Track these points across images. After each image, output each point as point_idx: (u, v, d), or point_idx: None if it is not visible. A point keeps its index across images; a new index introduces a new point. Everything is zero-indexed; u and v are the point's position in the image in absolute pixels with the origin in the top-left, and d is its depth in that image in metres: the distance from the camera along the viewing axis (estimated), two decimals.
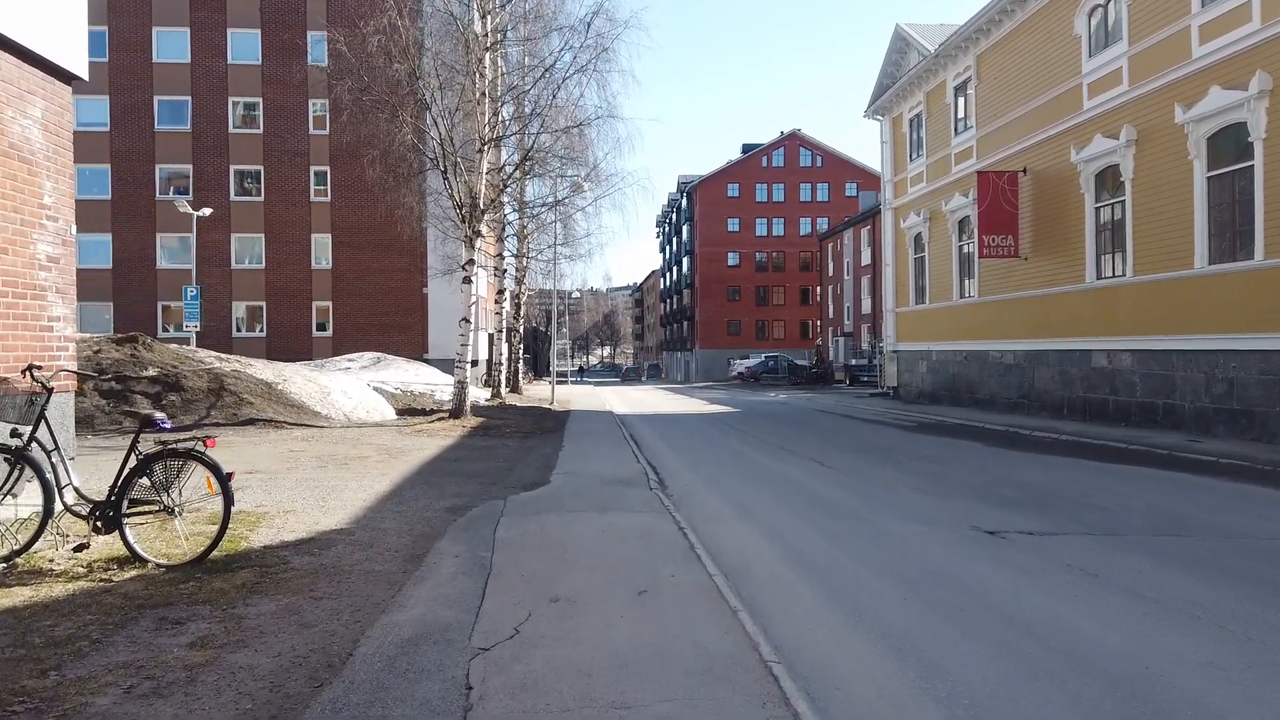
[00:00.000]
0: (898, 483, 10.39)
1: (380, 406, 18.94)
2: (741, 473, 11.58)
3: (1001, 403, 22.11)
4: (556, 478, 10.45)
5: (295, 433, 14.85)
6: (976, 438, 16.52)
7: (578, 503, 8.59)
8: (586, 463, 12.01)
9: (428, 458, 12.16)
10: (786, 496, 9.49)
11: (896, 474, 11.18)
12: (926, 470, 11.58)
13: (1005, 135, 21.87)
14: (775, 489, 10.06)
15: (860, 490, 9.88)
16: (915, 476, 10.93)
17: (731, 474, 11.45)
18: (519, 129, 17.99)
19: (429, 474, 10.62)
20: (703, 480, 10.86)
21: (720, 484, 10.51)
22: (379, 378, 24.14)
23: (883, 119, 30.03)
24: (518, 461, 11.99)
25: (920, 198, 27.20)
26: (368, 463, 11.55)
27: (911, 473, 11.30)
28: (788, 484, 10.45)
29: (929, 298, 26.87)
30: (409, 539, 6.84)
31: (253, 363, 18.26)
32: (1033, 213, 20.74)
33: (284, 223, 39.83)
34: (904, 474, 11.19)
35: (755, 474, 11.45)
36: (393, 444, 13.73)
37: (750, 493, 9.80)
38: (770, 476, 11.18)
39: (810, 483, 10.51)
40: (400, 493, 9.20)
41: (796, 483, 10.54)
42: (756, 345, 76.64)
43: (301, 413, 16.74)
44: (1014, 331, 21.53)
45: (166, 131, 39.50)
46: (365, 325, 39.89)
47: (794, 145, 79.74)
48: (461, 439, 14.69)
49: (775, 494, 9.68)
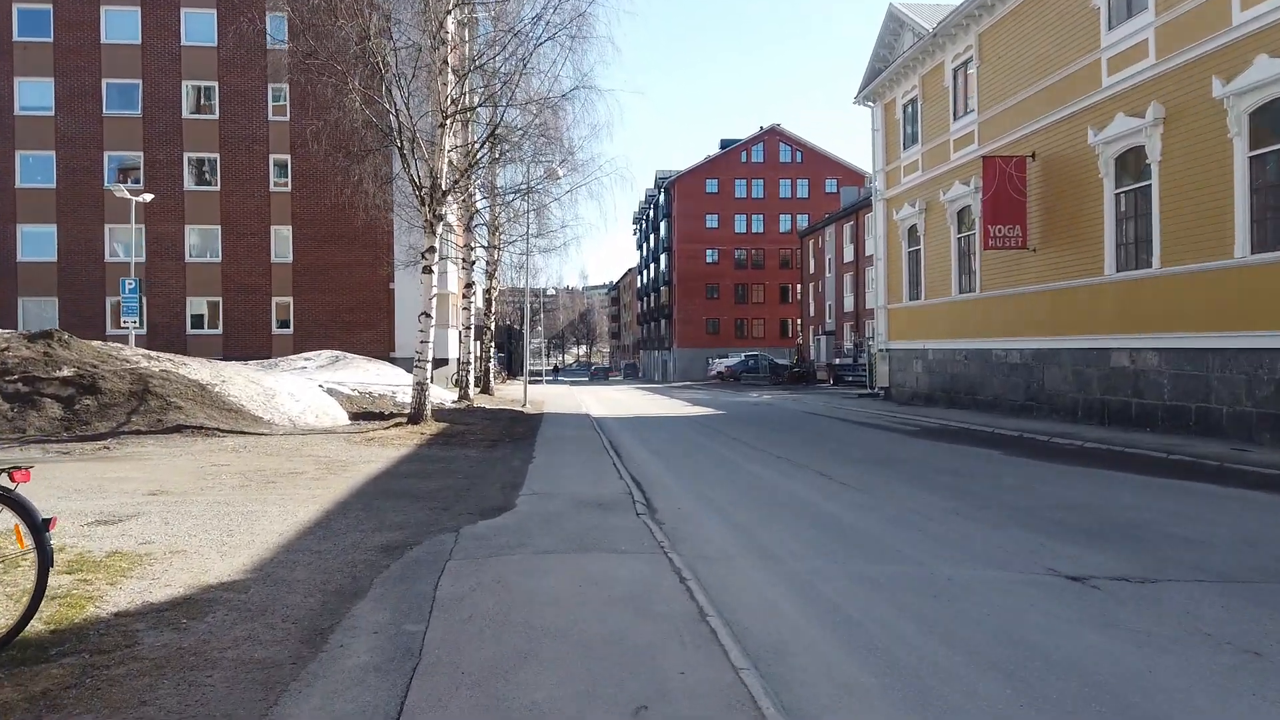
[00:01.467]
0: (928, 505, 8.75)
1: (332, 410, 17.10)
2: (739, 489, 9.91)
3: (1007, 405, 20.63)
4: (524, 500, 8.72)
5: (227, 441, 13.00)
6: (990, 444, 14.98)
7: (548, 537, 6.87)
8: (560, 478, 10.29)
9: (373, 473, 10.37)
10: (802, 524, 7.82)
11: (921, 492, 9.56)
12: (953, 486, 9.97)
13: (1011, 118, 20.38)
14: (784, 513, 8.40)
15: (887, 515, 8.23)
16: (944, 495, 9.31)
17: (728, 491, 9.78)
18: (485, 99, 16.18)
19: (370, 495, 8.85)
20: (696, 500, 9.17)
21: (718, 505, 8.83)
22: (336, 378, 22.26)
23: (874, 105, 28.51)
24: (479, 477, 10.24)
25: (915, 187, 25.70)
26: (300, 480, 9.76)
27: (938, 490, 9.68)
28: (797, 505, 8.79)
29: (924, 293, 25.38)
30: (319, 599, 5.10)
31: (187, 362, 16.36)
32: (1042, 201, 19.26)
33: (242, 214, 37.70)
34: (929, 491, 9.57)
35: (756, 491, 9.78)
36: (336, 455, 11.92)
37: (756, 518, 8.13)
38: (774, 495, 9.52)
39: (823, 503, 8.86)
40: (329, 522, 7.43)
41: (807, 504, 8.87)
42: (736, 344, 75.16)
43: (239, 418, 14.87)
44: (1021, 329, 20.05)
45: (115, 116, 37.19)
46: (328, 322, 37.88)
47: (774, 140, 78.33)
48: (418, 448, 12.90)
49: (787, 521, 8.01)
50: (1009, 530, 7.49)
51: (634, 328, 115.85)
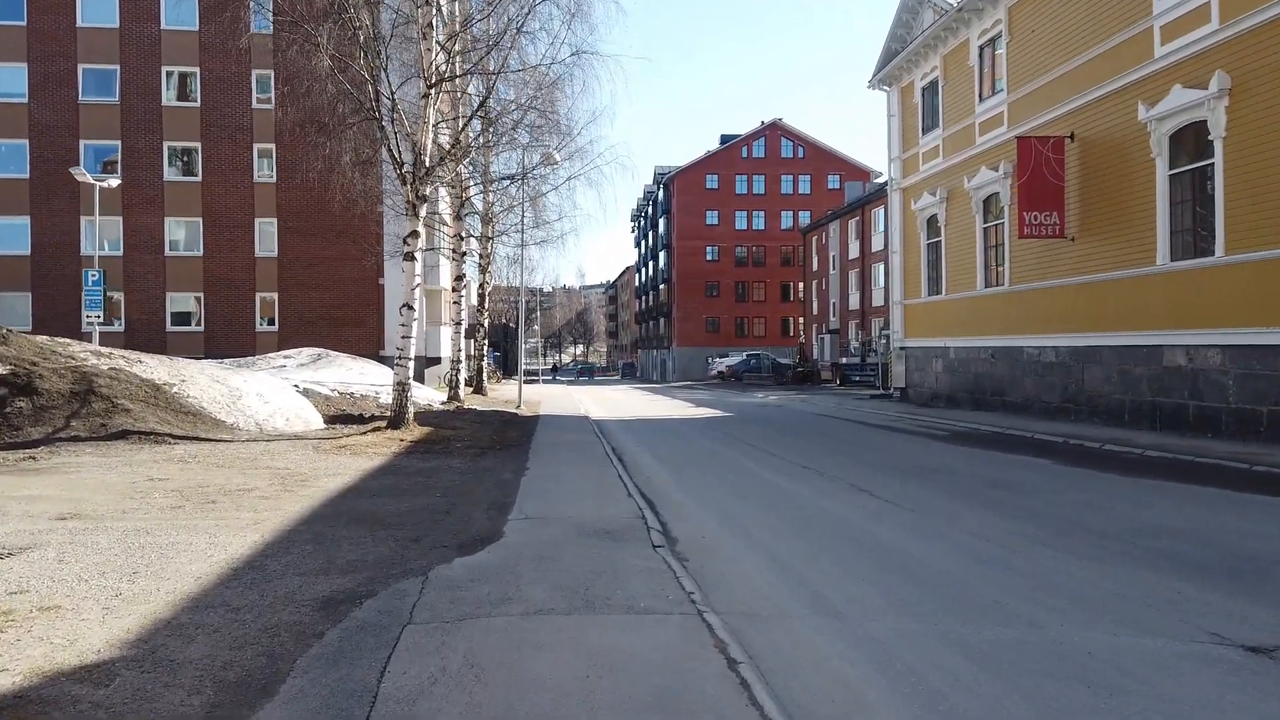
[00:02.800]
0: (998, 530, 7.18)
1: (305, 413, 15.51)
2: (769, 509, 8.33)
3: (1040, 407, 19.07)
4: (514, 526, 7.13)
5: (177, 450, 11.40)
6: (1035, 451, 13.42)
7: (542, 585, 5.29)
8: (558, 495, 8.70)
9: (337, 489, 8.78)
10: (858, 559, 6.26)
11: (981, 512, 7.98)
12: (1016, 505, 8.40)
13: (1046, 96, 18.82)
14: (831, 541, 6.82)
15: (956, 544, 6.66)
16: (1010, 516, 7.74)
17: (756, 511, 8.20)
18: (476, 64, 14.53)
19: (327, 520, 7.26)
20: (721, 524, 7.60)
21: (749, 532, 7.25)
22: (316, 377, 20.66)
23: (889, 89, 26.95)
24: (462, 495, 8.65)
25: (935, 175, 24.14)
26: (247, 499, 8.17)
27: (999, 509, 8.11)
28: (843, 531, 7.21)
29: (945, 288, 23.82)
30: (205, 698, 3.52)
31: (144, 359, 14.75)
32: (1082, 185, 17.71)
33: (224, 205, 36.05)
34: (990, 511, 8.00)
35: (788, 512, 8.20)
36: (299, 466, 10.33)
37: (800, 550, 6.56)
38: (811, 516, 7.95)
39: (873, 528, 7.29)
40: (263, 561, 5.85)
41: (853, 528, 7.30)
42: (736, 343, 73.57)
43: (197, 422, 13.27)
44: (1057, 324, 18.50)
45: (92, 103, 35.51)
46: (315, 319, 36.24)
47: (775, 135, 76.74)
48: (394, 458, 11.31)
49: (838, 553, 6.44)
50: (1118, 567, 5.93)
51: (632, 327, 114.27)
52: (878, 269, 50.26)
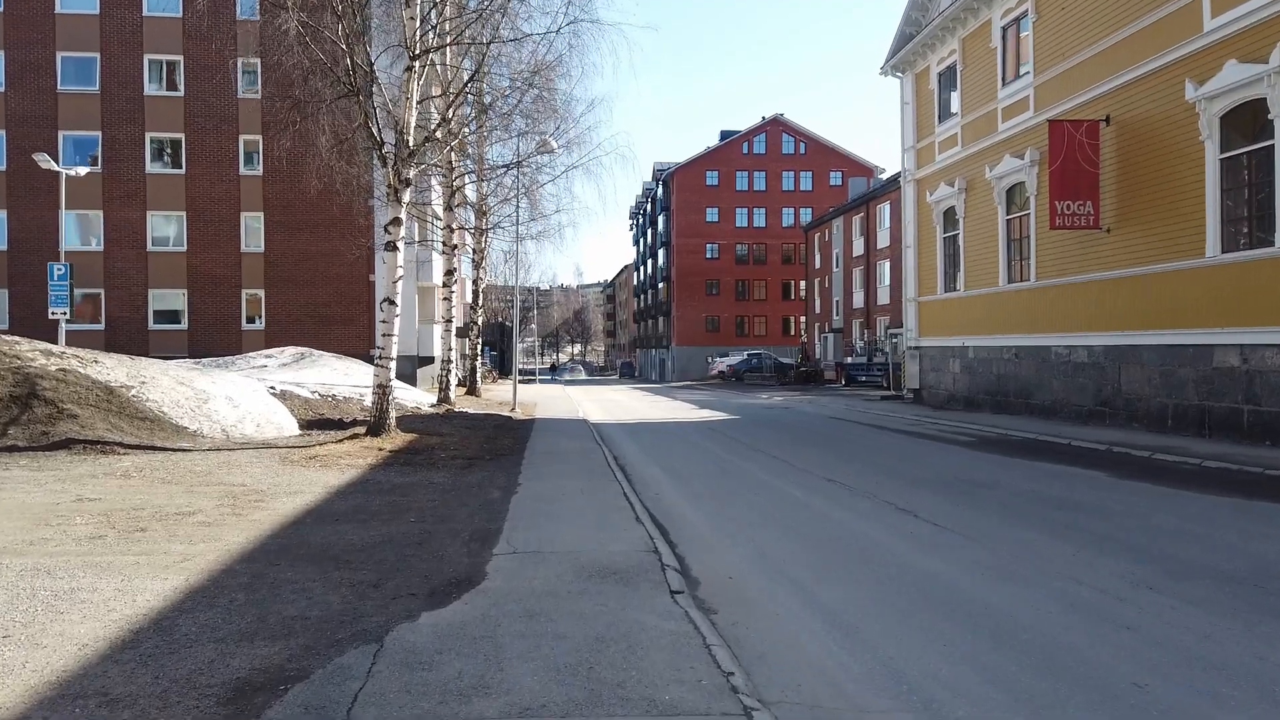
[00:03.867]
0: (1087, 568, 5.91)
1: (278, 418, 14.21)
2: (805, 540, 7.05)
3: (1070, 411, 17.82)
4: (498, 565, 5.84)
5: (124, 461, 10.10)
6: (1078, 461, 12.17)
7: (531, 662, 4.01)
8: (553, 520, 7.41)
9: (294, 512, 7.49)
10: (928, 611, 4.97)
11: (1056, 542, 6.71)
12: (1092, 531, 7.13)
13: (1077, 78, 17.56)
14: (894, 590, 5.54)
15: (1047, 591, 5.38)
16: (1091, 547, 6.47)
17: (788, 542, 6.93)
18: (462, 30, 13.22)
19: (271, 556, 5.98)
20: (751, 560, 6.33)
21: (786, 571, 5.98)
22: (297, 378, 19.37)
23: (903, 76, 25.68)
24: (441, 520, 7.36)
25: (953, 164, 22.88)
26: (184, 526, 6.89)
27: (1071, 538, 6.83)
28: (899, 570, 5.94)
29: (963, 284, 22.56)
30: None
31: (102, 359, 13.46)
32: (1119, 172, 16.46)
33: (209, 199, 34.69)
34: (1064, 541, 6.72)
35: (826, 542, 6.93)
36: (258, 482, 9.04)
37: (854, 599, 5.29)
38: (855, 548, 6.67)
39: (933, 564, 6.01)
40: (176, 619, 4.58)
41: (916, 569, 6.02)
42: (736, 342, 72.24)
43: (155, 429, 11.97)
44: (1089, 322, 17.25)
45: (71, 93, 34.15)
46: (303, 317, 34.91)
47: (776, 131, 75.43)
48: (369, 471, 10.02)
49: (908, 608, 5.16)
50: (1272, 625, 4.67)
51: (630, 326, 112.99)
52: (883, 266, 49.02)
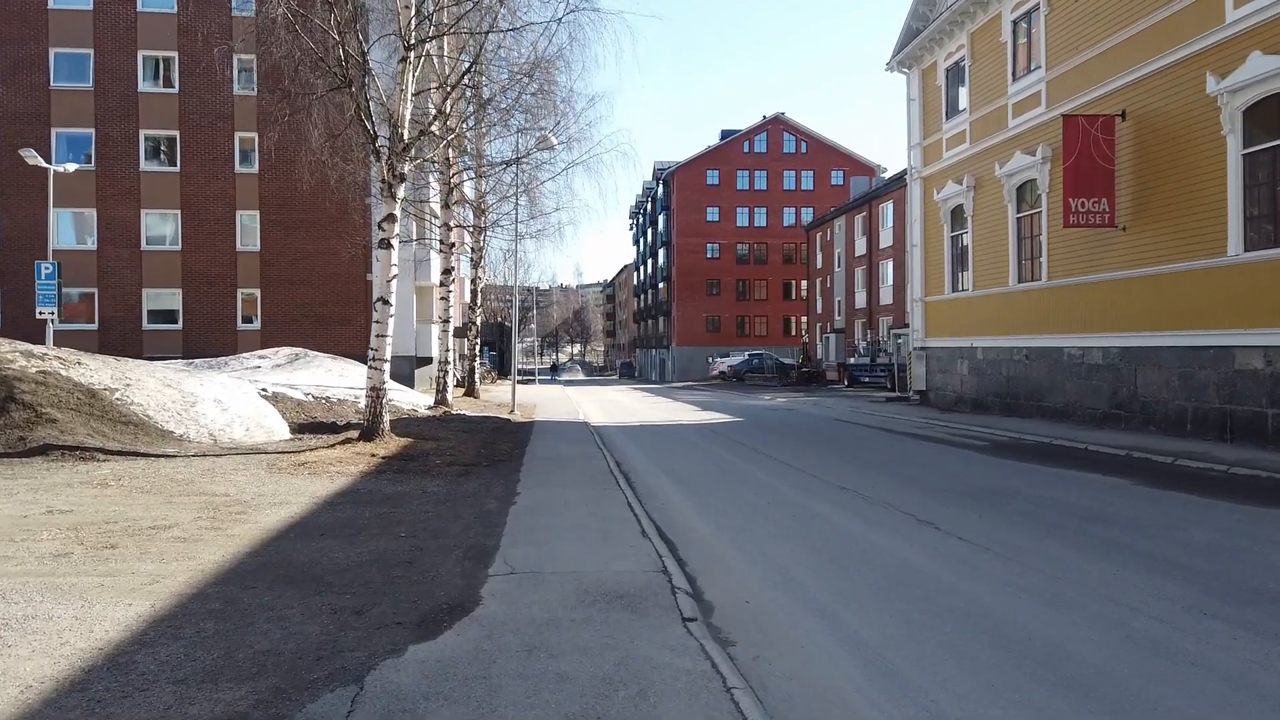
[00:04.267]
0: (1146, 594, 5.44)
1: (269, 421, 13.74)
2: (826, 557, 6.59)
3: (1084, 414, 17.36)
4: (495, 588, 5.37)
5: (104, 469, 9.63)
6: (1098, 467, 11.70)
7: (529, 708, 3.52)
8: (554, 535, 6.94)
9: (276, 527, 7.02)
10: (986, 652, 4.50)
11: (1101, 563, 6.24)
12: (1131, 548, 6.66)
13: (1092, 72, 17.10)
14: (933, 617, 5.07)
15: (1101, 620, 4.91)
16: (1144, 570, 6.00)
17: (808, 558, 6.46)
18: (458, 19, 12.72)
19: (248, 578, 5.51)
20: (770, 581, 5.86)
21: (810, 597, 5.51)
22: (291, 379, 18.90)
23: (909, 72, 25.22)
24: (434, 535, 6.89)
25: (961, 162, 22.42)
26: (158, 542, 6.42)
27: (1119, 558, 6.37)
28: (945, 599, 5.45)
29: (972, 283, 22.10)
30: None
31: (86, 360, 12.98)
32: (1135, 168, 16.00)
33: (204, 197, 34.20)
34: (1110, 561, 6.25)
35: (852, 561, 6.45)
36: (242, 491, 8.56)
37: (895, 634, 4.82)
38: (885, 570, 6.20)
39: (976, 590, 5.53)
40: (134, 654, 4.11)
41: (954, 592, 5.54)
42: (737, 342, 71.78)
43: (139, 434, 11.50)
44: (1104, 323, 16.78)
45: (64, 90, 33.64)
46: (299, 317, 34.42)
47: (777, 130, 74.96)
48: (360, 479, 9.54)
49: (953, 640, 4.69)
50: None
51: (630, 326, 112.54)
52: (886, 266, 48.57)
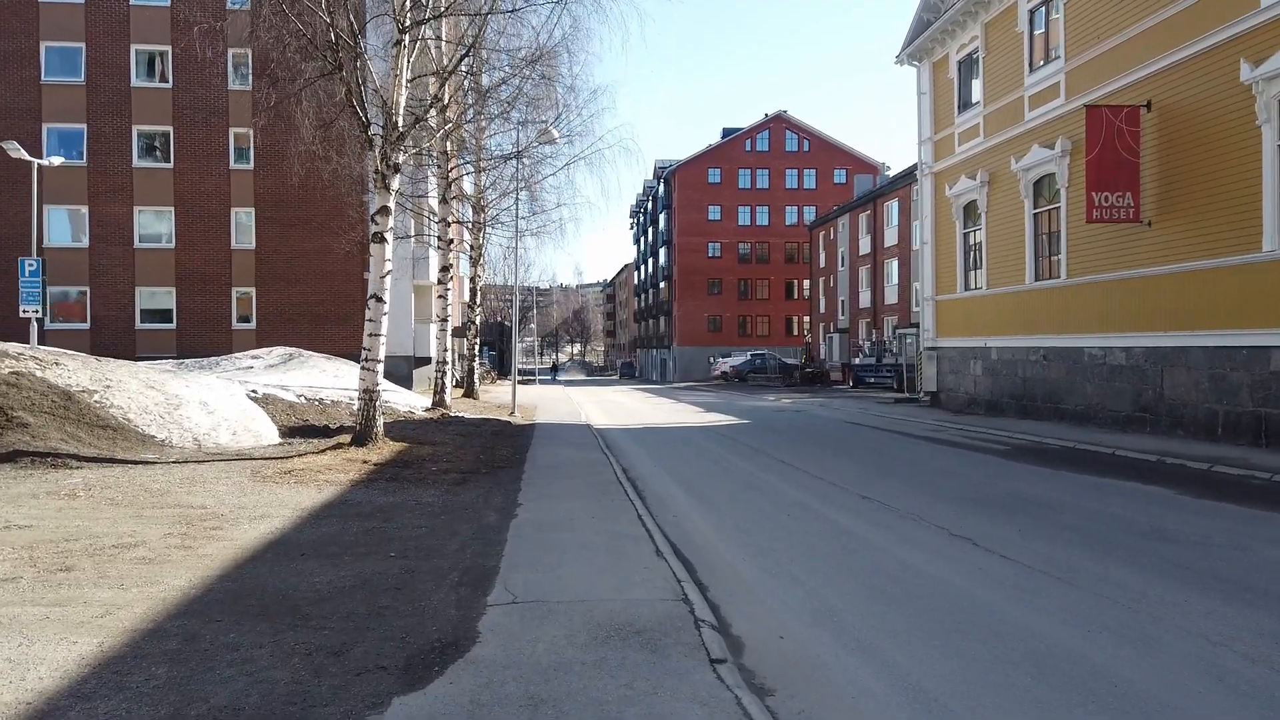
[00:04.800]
0: (1248, 632, 4.79)
1: (257, 424, 13.09)
2: (863, 582, 5.94)
3: (1106, 417, 16.71)
4: (493, 622, 4.72)
5: (75, 477, 8.98)
6: (1132, 474, 11.06)
7: None
8: (559, 556, 6.30)
9: (253, 546, 6.37)
10: (1088, 712, 3.87)
11: (1181, 590, 5.58)
12: (1205, 571, 6.02)
13: (1115, 61, 16.46)
14: (1006, 665, 4.42)
15: (1214, 669, 4.26)
16: (1235, 601, 5.35)
17: (845, 584, 5.82)
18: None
19: (215, 608, 4.86)
20: (805, 612, 5.21)
21: (854, 634, 4.87)
22: (283, 380, 18.25)
23: (920, 65, 24.57)
24: (427, 555, 6.24)
25: (974, 157, 21.78)
26: (118, 564, 5.77)
27: (1196, 584, 5.71)
28: (1013, 639, 4.80)
29: (986, 282, 21.45)
30: None
31: (64, 360, 12.34)
32: (1160, 161, 15.37)
33: (198, 194, 33.54)
34: (1188, 587, 5.60)
35: (894, 586, 5.80)
36: (221, 503, 7.92)
37: (964, 688, 4.18)
38: (933, 598, 5.54)
39: (1047, 628, 4.88)
40: (65, 710, 3.47)
41: (1022, 630, 4.89)
42: (739, 342, 71.11)
43: (118, 438, 10.85)
44: (1127, 322, 16.15)
45: (55, 84, 32.98)
46: (295, 316, 33.75)
47: (779, 128, 74.27)
48: (350, 488, 8.89)
49: (1045, 698, 4.06)
50: None
51: (631, 325, 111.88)
52: (891, 265, 47.93)
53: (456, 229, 22.45)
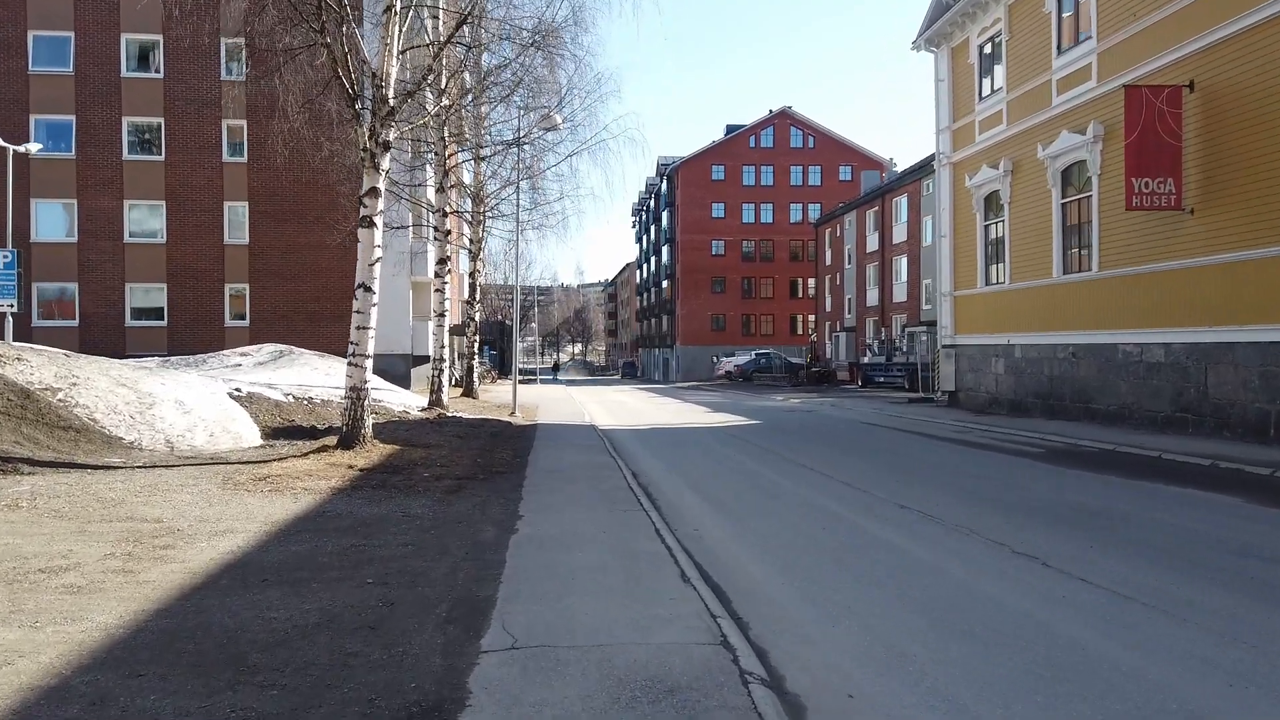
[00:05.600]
0: None
1: (238, 425, 12.15)
2: (937, 618, 4.98)
3: (1140, 416, 15.76)
4: (487, 678, 3.76)
5: (23, 485, 8.03)
6: (1190, 480, 10.11)
7: None
8: (567, 586, 5.34)
9: (206, 569, 5.42)
10: None
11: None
12: None
13: (1152, 40, 15.51)
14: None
15: None
16: None
17: (917, 623, 4.86)
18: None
19: (141, 657, 3.90)
20: (875, 661, 4.25)
21: (941, 687, 3.90)
22: (272, 378, 17.32)
23: (937, 51, 23.60)
24: (409, 584, 5.28)
25: (997, 145, 20.81)
26: (43, 592, 4.82)
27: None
28: (1136, 692, 3.88)
29: (1009, 276, 20.49)
30: None
31: (28, 356, 11.41)
32: (1202, 145, 14.42)
33: (190, 188, 32.59)
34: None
35: (978, 624, 4.83)
36: (180, 515, 6.96)
37: None
38: (1040, 642, 4.57)
39: (1173, 678, 3.94)
40: None
41: (1143, 683, 3.95)
42: (742, 341, 70.08)
43: (81, 440, 9.91)
44: (1167, 316, 15.19)
45: (44, 74, 32.04)
46: (290, 313, 32.78)
47: (784, 124, 73.27)
48: (331, 498, 7.94)
49: None
50: None
51: (633, 325, 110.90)
52: (900, 262, 46.97)
53: (455, 221, 21.50)
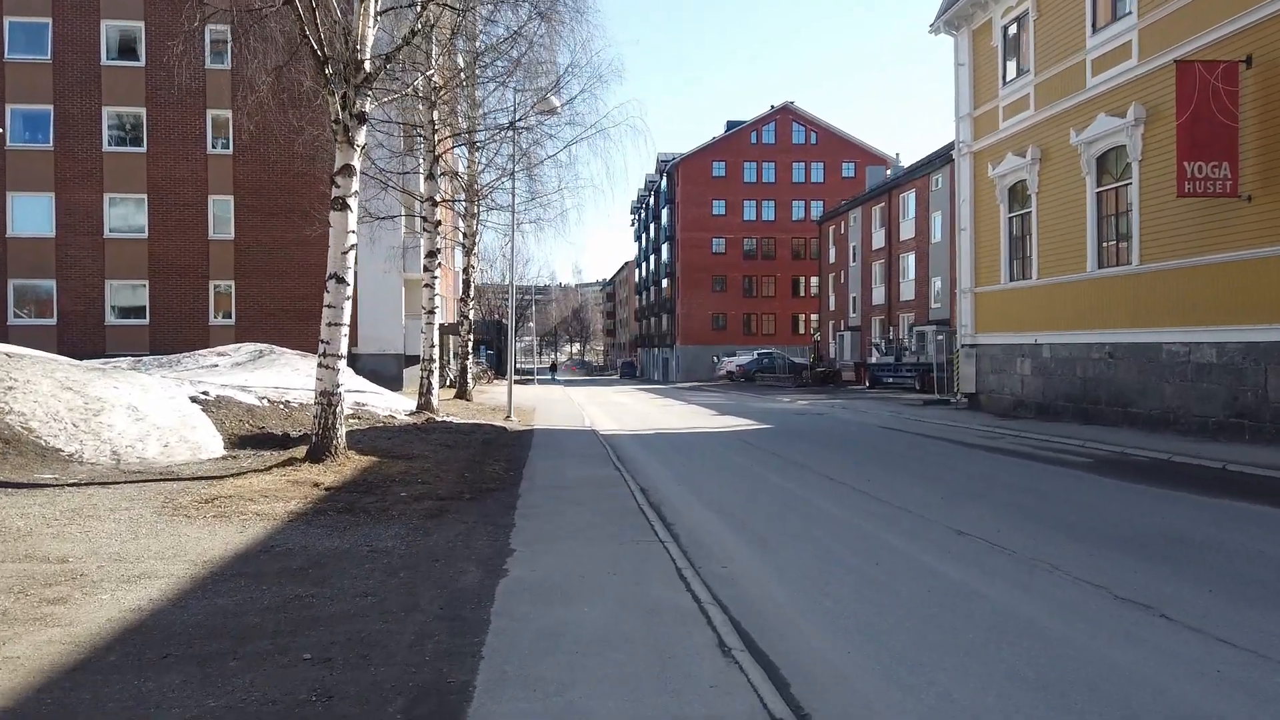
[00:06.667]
0: None
1: (197, 434, 10.87)
2: (1068, 711, 3.74)
3: (1189, 422, 14.52)
4: None
5: None
6: (1272, 498, 8.87)
7: None
8: (572, 660, 4.07)
9: (100, 634, 4.15)
10: None
11: None
12: None
13: (1200, 13, 14.26)
14: None
15: None
16: None
17: (1044, 714, 3.62)
18: None
19: None
20: None
21: None
22: (248, 380, 16.07)
23: (957, 34, 22.34)
24: (360, 661, 4.00)
25: (1023, 131, 19.56)
26: None
27: None
28: None
29: (1036, 271, 19.25)
30: None
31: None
32: (1262, 126, 13.18)
33: (173, 181, 31.30)
34: None
35: (1102, 713, 3.60)
36: (94, 552, 5.68)
37: None
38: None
39: None
40: None
41: None
42: (743, 341, 68.80)
43: (10, 453, 8.63)
44: (1218, 313, 13.95)
45: (20, 62, 30.73)
46: (277, 311, 31.51)
47: (786, 120, 71.99)
48: (286, 525, 6.66)
49: None
50: None
51: (632, 324, 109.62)
52: (907, 259, 45.72)
53: (446, 211, 20.20)
